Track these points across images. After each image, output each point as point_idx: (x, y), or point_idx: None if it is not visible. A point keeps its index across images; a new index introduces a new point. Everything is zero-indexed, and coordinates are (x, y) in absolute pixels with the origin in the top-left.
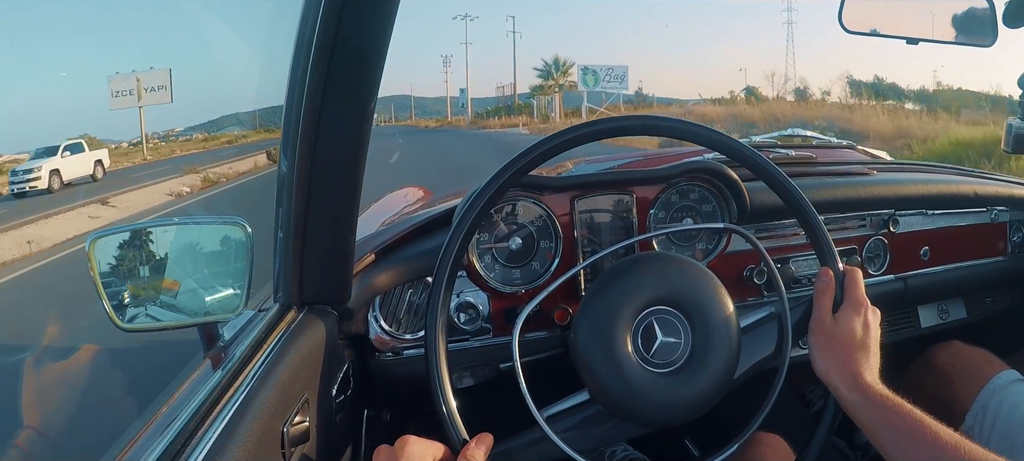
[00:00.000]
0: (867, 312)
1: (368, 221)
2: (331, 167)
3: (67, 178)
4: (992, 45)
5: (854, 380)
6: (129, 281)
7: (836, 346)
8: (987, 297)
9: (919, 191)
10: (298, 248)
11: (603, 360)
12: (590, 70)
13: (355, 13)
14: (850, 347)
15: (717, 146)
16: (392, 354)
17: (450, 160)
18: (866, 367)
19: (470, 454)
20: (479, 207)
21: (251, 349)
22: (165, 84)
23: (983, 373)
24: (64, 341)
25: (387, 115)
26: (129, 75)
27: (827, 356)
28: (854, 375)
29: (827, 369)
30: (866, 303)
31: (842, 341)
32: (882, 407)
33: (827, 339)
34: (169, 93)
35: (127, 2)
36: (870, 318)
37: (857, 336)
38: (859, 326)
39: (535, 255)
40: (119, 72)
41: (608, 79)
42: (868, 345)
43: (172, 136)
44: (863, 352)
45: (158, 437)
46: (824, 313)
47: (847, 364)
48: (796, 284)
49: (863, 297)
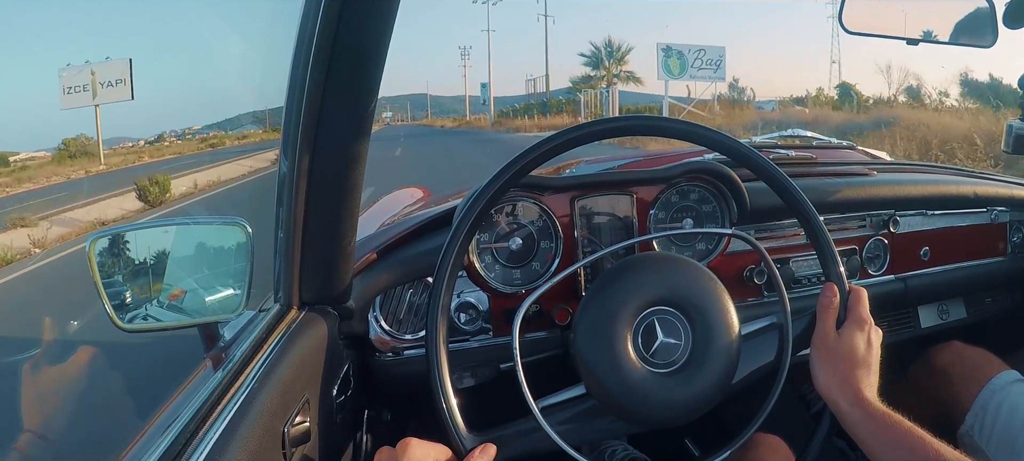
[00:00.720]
0: (870, 330)
1: (368, 221)
2: (331, 167)
3: None
4: (992, 45)
5: (855, 396)
6: (130, 281)
7: (838, 362)
8: (987, 297)
9: (919, 192)
10: (298, 248)
11: (603, 358)
12: (674, 50)
13: (355, 13)
14: (852, 364)
15: (717, 146)
16: (392, 354)
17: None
18: (867, 384)
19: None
20: (479, 207)
21: (252, 349)
22: (124, 77)
23: (983, 373)
24: (64, 342)
25: (404, 114)
26: (82, 67)
27: (829, 371)
28: (855, 391)
29: (828, 384)
30: (870, 321)
31: (844, 357)
32: (883, 424)
33: (829, 354)
34: (129, 88)
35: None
36: (873, 336)
37: (859, 353)
38: (862, 343)
39: (535, 255)
40: (71, 64)
41: (699, 64)
42: (870, 363)
43: (189, 134)
44: (864, 369)
45: (159, 437)
46: (828, 329)
47: (848, 380)
48: (796, 284)
49: (867, 315)
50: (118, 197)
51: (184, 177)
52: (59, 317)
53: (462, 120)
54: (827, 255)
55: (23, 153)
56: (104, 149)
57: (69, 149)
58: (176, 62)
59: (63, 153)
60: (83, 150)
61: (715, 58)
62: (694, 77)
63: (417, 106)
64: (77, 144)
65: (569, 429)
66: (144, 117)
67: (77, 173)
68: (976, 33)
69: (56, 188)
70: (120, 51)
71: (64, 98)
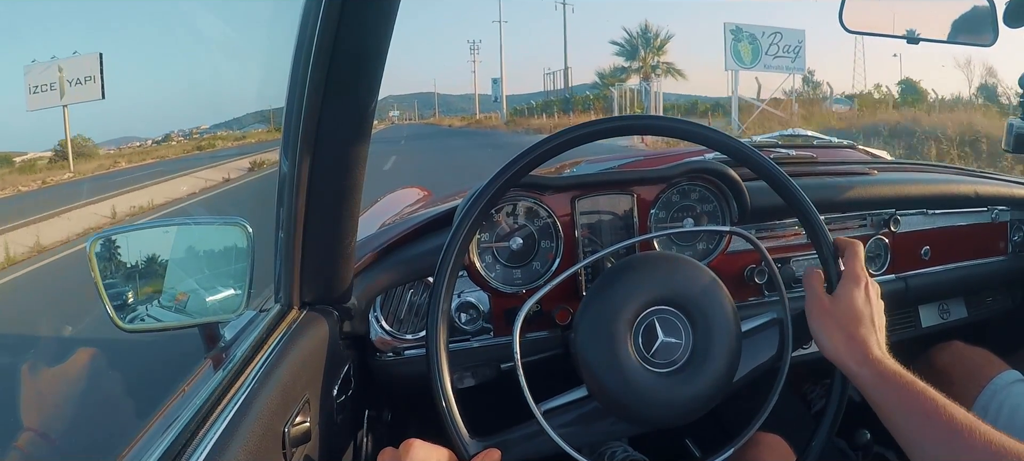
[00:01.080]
0: (867, 285)
1: (369, 221)
2: (331, 167)
3: None
4: (992, 44)
5: (863, 355)
6: (130, 282)
7: (839, 320)
8: (988, 297)
9: (920, 191)
10: (299, 248)
11: (603, 358)
12: (745, 33)
13: (355, 13)
14: (854, 321)
15: (718, 146)
16: (393, 354)
17: None
18: (873, 341)
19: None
20: (480, 207)
21: (252, 350)
22: (94, 74)
23: (984, 373)
24: (64, 342)
25: (411, 113)
26: (49, 64)
27: (832, 332)
28: (862, 350)
29: (834, 346)
30: (865, 276)
31: (844, 315)
32: (895, 385)
33: (827, 317)
34: (99, 86)
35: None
36: (871, 291)
37: (859, 309)
38: (860, 299)
39: (536, 255)
40: (36, 60)
41: (774, 51)
42: (872, 318)
43: (196, 134)
44: (868, 325)
45: (159, 438)
46: (818, 293)
47: (854, 338)
48: (796, 284)
49: (862, 270)
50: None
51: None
52: (59, 318)
53: (471, 119)
54: (825, 247)
55: (31, 153)
56: (109, 148)
57: (62, 151)
58: (189, 62)
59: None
60: (82, 151)
61: (793, 44)
62: (768, 67)
63: (425, 105)
64: (75, 145)
65: (571, 431)
66: (154, 116)
67: (31, 184)
68: (976, 32)
69: None
70: (127, 50)
71: (30, 99)
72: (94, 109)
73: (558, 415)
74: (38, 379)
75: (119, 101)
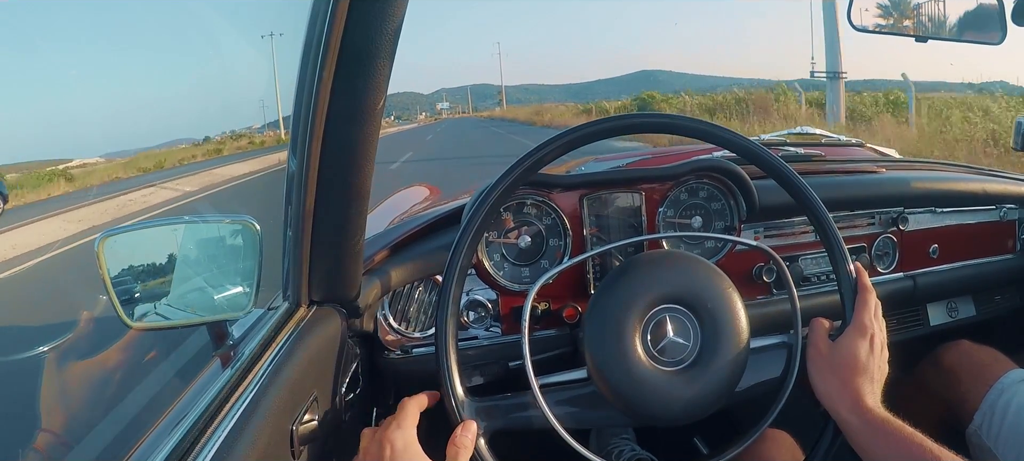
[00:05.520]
0: (873, 337)
1: (377, 219)
2: (340, 165)
3: None
4: (1001, 43)
5: (853, 404)
6: (139, 279)
7: (836, 367)
8: (996, 295)
9: (928, 189)
10: (307, 246)
11: (611, 350)
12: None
13: (363, 12)
14: (851, 369)
15: (727, 144)
16: (401, 352)
17: None
18: (867, 391)
19: (458, 441)
20: (488, 205)
21: (260, 348)
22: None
23: (992, 372)
24: (73, 339)
25: (463, 106)
26: None
27: (827, 377)
28: (854, 399)
29: (828, 392)
30: (873, 328)
31: (842, 363)
32: (883, 432)
33: (825, 362)
34: None
35: (135, 2)
36: (876, 342)
37: (859, 359)
38: (863, 350)
39: (544, 253)
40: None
41: None
42: (871, 370)
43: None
44: (865, 376)
45: (167, 435)
46: (819, 339)
47: (847, 386)
48: (805, 283)
49: (870, 322)
50: None
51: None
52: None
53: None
54: (836, 253)
55: (77, 159)
56: (162, 149)
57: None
58: (220, 68)
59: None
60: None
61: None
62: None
63: (481, 97)
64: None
65: (566, 412)
66: (199, 119)
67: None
68: (984, 30)
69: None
70: (129, 54)
71: None
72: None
73: (553, 391)
74: (49, 376)
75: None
